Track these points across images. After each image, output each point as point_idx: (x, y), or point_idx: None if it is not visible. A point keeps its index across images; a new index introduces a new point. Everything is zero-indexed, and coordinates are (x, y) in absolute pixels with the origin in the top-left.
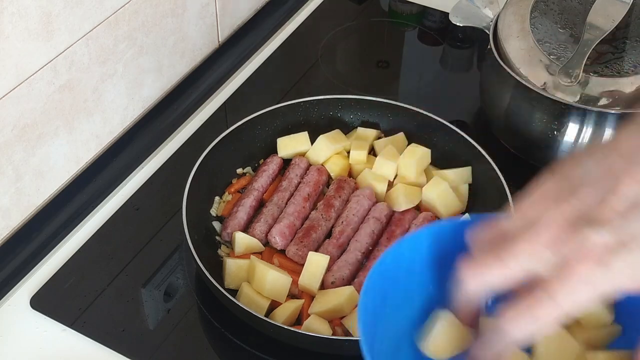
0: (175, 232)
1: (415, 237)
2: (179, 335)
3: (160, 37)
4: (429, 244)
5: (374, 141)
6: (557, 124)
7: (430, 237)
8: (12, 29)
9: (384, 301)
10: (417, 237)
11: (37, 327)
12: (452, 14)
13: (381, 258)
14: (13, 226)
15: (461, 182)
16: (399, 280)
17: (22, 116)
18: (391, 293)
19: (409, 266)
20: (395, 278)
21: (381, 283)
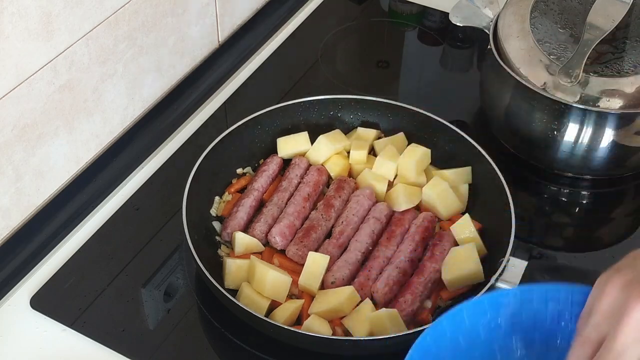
0: (175, 232)
1: (455, 312)
2: (179, 335)
3: (160, 37)
4: (470, 318)
5: (374, 141)
6: (557, 124)
7: (470, 311)
8: (12, 29)
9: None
10: (458, 311)
11: (37, 327)
12: (452, 14)
13: (421, 337)
14: (13, 226)
15: (461, 182)
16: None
17: (22, 116)
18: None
19: (452, 343)
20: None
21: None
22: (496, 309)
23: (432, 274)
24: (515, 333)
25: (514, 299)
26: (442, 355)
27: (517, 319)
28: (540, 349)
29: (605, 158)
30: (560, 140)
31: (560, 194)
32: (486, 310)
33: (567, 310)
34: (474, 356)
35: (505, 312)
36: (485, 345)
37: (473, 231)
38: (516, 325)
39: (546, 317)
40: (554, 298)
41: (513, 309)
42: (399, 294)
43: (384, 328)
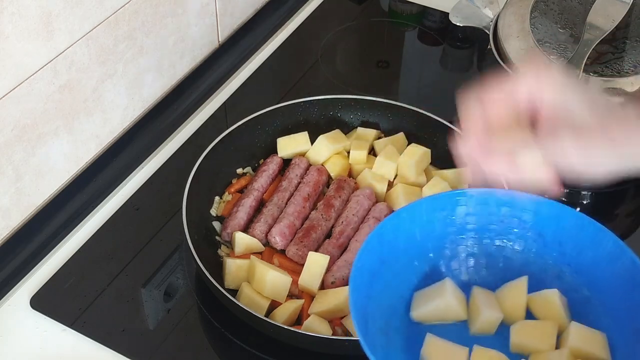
0: (175, 232)
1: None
2: (179, 335)
3: (160, 37)
4: (428, 212)
5: (374, 141)
6: None
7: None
8: (12, 29)
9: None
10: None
11: (37, 327)
12: (452, 14)
13: (381, 224)
14: (13, 226)
15: (461, 182)
16: (399, 246)
17: (22, 116)
18: (390, 257)
19: (408, 233)
20: (394, 244)
21: (379, 247)
22: (453, 206)
23: None
24: (467, 231)
25: (471, 199)
26: (398, 242)
27: (471, 218)
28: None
29: None
30: None
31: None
32: (444, 206)
33: (517, 216)
34: (427, 247)
35: (461, 211)
36: (438, 238)
37: None
38: (469, 223)
39: (498, 220)
40: (508, 203)
41: (468, 209)
42: None
43: None
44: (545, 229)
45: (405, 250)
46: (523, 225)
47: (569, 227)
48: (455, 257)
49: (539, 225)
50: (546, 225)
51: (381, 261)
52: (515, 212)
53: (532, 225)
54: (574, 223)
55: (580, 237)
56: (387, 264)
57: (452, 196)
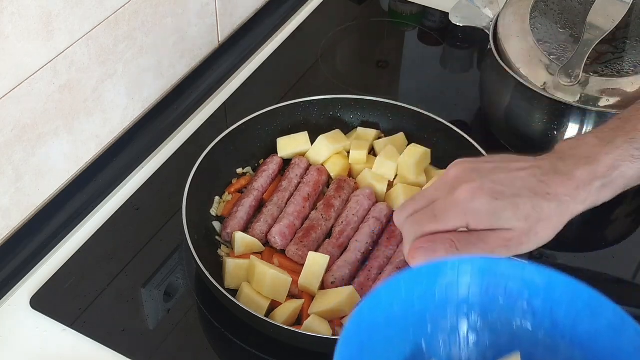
0: (175, 232)
1: (392, 282)
2: (179, 335)
3: (160, 37)
4: (407, 288)
5: (374, 141)
6: (557, 124)
7: (407, 281)
8: (12, 29)
9: (361, 350)
10: (394, 282)
11: (37, 327)
12: (452, 14)
13: (358, 308)
14: (13, 226)
15: None
16: (378, 328)
17: (22, 116)
18: (369, 344)
19: (387, 314)
20: (373, 326)
21: (358, 333)
22: (433, 279)
23: None
24: (450, 303)
25: (452, 270)
26: (376, 322)
27: (452, 290)
28: (476, 321)
29: None
30: (561, 140)
31: None
32: (423, 280)
33: (502, 285)
34: (406, 324)
35: (442, 283)
36: (418, 314)
37: None
38: (451, 296)
39: (483, 292)
40: (491, 271)
41: (449, 280)
42: None
43: None
44: (534, 297)
45: (384, 331)
46: (509, 294)
47: (561, 295)
48: (438, 332)
49: (526, 293)
50: (534, 294)
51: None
52: (500, 281)
53: (519, 294)
54: (566, 290)
55: (574, 306)
56: (366, 348)
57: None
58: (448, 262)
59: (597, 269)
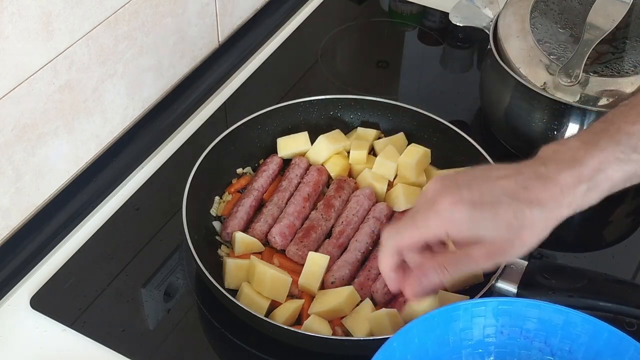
0: (175, 232)
1: (404, 331)
2: (179, 335)
3: (160, 37)
4: (419, 336)
5: (374, 141)
6: (557, 124)
7: (420, 329)
8: (12, 29)
9: None
10: (407, 331)
11: (37, 327)
12: (452, 14)
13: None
14: (13, 226)
15: None
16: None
17: (22, 116)
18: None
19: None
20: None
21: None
22: (446, 324)
23: None
24: (464, 347)
25: (465, 313)
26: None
27: (467, 333)
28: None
29: None
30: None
31: None
32: (435, 326)
33: (518, 325)
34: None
35: (455, 327)
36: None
37: None
38: (465, 340)
39: (496, 331)
40: (506, 312)
41: (463, 324)
42: (398, 294)
43: (384, 328)
44: (551, 336)
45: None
46: (525, 335)
47: (580, 334)
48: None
49: (543, 332)
50: (552, 333)
51: None
52: (515, 322)
53: (535, 334)
54: (585, 329)
55: (593, 344)
56: None
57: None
58: (461, 305)
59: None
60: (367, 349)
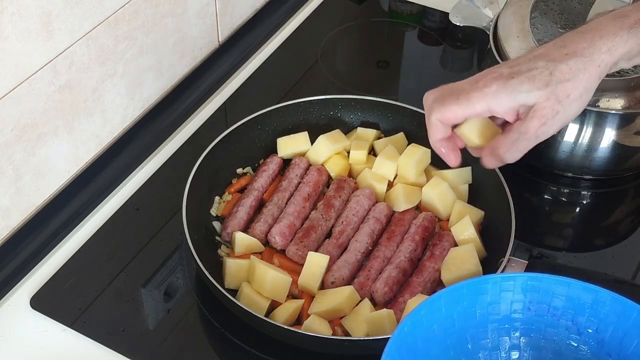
0: (175, 232)
1: (432, 301)
2: (179, 335)
3: (160, 37)
4: (447, 307)
5: (374, 141)
6: None
7: (448, 300)
8: (12, 29)
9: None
10: (435, 300)
11: (37, 327)
12: (452, 14)
13: (399, 327)
14: (13, 226)
15: (461, 182)
16: (418, 349)
17: (22, 116)
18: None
19: (427, 334)
20: (413, 347)
21: (398, 355)
22: (474, 297)
23: (431, 274)
24: (491, 322)
25: (493, 286)
26: (417, 344)
27: (494, 308)
28: (518, 338)
29: (605, 158)
30: (560, 140)
31: (560, 194)
32: (463, 299)
33: (546, 302)
34: (446, 344)
35: (483, 300)
36: (458, 333)
37: (473, 232)
38: (492, 314)
39: (524, 307)
40: (534, 288)
41: (491, 297)
42: (398, 294)
43: (383, 328)
44: (579, 314)
45: (424, 351)
46: (553, 312)
47: (608, 313)
48: (479, 351)
49: (571, 310)
50: (580, 311)
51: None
52: (544, 298)
53: (563, 311)
54: (613, 308)
55: (621, 324)
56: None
57: (473, 285)
58: (490, 278)
59: (597, 269)
60: (367, 349)
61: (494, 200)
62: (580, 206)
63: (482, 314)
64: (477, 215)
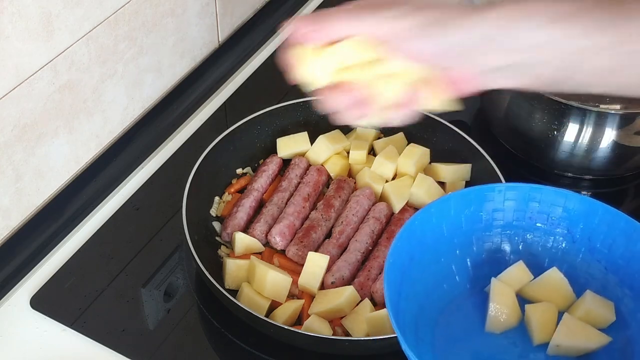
0: (175, 232)
1: (442, 200)
2: (179, 335)
3: (160, 37)
4: (456, 208)
5: (373, 141)
6: (557, 124)
7: (456, 202)
8: (12, 29)
9: (411, 261)
10: (445, 200)
11: (37, 327)
12: None
13: (410, 220)
14: (13, 226)
15: (459, 178)
16: (427, 242)
17: (22, 116)
18: (418, 254)
19: (436, 232)
20: (422, 240)
21: (408, 244)
22: (480, 203)
23: None
24: (494, 227)
25: (499, 194)
26: (426, 238)
27: (499, 213)
28: (516, 246)
29: (606, 158)
30: (560, 140)
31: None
32: (471, 202)
33: (545, 212)
34: (453, 243)
35: (488, 207)
36: (465, 234)
37: None
38: (496, 219)
39: (526, 216)
40: (536, 198)
41: (496, 204)
42: None
43: (383, 328)
44: (574, 224)
45: (433, 246)
46: (551, 221)
47: (600, 222)
48: (481, 254)
49: (567, 220)
50: (575, 221)
51: (410, 258)
52: (543, 208)
53: (560, 221)
54: (604, 218)
55: (611, 232)
56: (415, 260)
57: (480, 191)
58: (496, 187)
59: None
60: (367, 349)
61: None
62: None
63: (487, 219)
64: None
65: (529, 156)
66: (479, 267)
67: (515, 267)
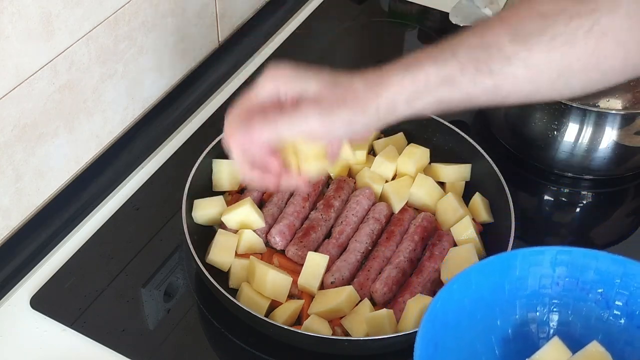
0: (175, 232)
1: (463, 275)
2: (179, 335)
3: (160, 37)
4: (477, 281)
5: (373, 141)
6: (557, 124)
7: (478, 274)
8: (12, 29)
9: (435, 348)
10: (466, 275)
11: (37, 327)
12: (452, 14)
13: (431, 305)
14: (13, 226)
15: (459, 179)
16: (451, 326)
17: (22, 116)
18: (443, 342)
19: (459, 308)
20: (446, 325)
21: (433, 333)
22: (503, 272)
23: (431, 273)
24: (519, 298)
25: (522, 262)
26: (449, 317)
27: (523, 282)
28: (547, 313)
29: (605, 158)
30: (560, 140)
31: (560, 194)
32: (492, 272)
33: (575, 276)
34: (476, 317)
35: (512, 275)
36: (487, 307)
37: (472, 232)
38: (520, 290)
39: (553, 282)
40: (563, 262)
41: (520, 272)
42: (398, 294)
43: (383, 328)
44: (609, 288)
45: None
46: (582, 286)
47: (637, 286)
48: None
49: (600, 284)
50: (610, 284)
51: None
52: (572, 272)
53: (592, 286)
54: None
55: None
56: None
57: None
58: (519, 252)
59: None
60: (367, 349)
61: (494, 200)
62: (581, 206)
63: (510, 290)
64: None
65: (529, 156)
66: (508, 342)
67: (550, 346)
